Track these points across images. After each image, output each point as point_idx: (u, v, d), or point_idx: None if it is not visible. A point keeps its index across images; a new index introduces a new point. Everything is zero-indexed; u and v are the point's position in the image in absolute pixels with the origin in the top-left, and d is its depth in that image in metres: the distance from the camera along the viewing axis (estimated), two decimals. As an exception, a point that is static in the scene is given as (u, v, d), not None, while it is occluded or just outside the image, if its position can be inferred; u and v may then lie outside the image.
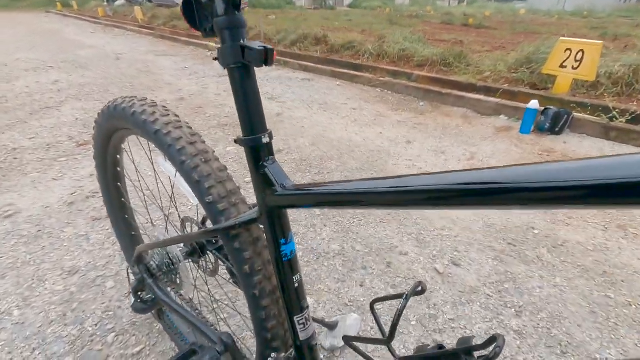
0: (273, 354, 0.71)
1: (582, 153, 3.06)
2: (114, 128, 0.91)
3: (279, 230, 0.62)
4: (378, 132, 3.52)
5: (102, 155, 1.05)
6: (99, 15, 14.87)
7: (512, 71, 4.86)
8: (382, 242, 1.94)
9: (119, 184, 1.13)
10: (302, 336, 0.68)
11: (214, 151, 0.76)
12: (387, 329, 0.52)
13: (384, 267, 1.75)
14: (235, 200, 0.70)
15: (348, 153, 3.02)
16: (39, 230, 1.98)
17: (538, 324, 1.45)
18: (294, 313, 0.67)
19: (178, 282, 0.99)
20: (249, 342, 1.35)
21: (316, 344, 0.70)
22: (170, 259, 0.98)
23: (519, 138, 3.35)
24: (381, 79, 5.10)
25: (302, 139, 3.30)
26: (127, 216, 1.24)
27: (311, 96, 4.67)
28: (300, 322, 0.67)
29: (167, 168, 0.86)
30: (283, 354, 0.72)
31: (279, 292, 0.68)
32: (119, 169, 1.10)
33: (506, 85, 4.53)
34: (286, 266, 0.63)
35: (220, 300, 1.51)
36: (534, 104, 3.33)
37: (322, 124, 3.68)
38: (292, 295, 0.66)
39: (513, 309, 1.52)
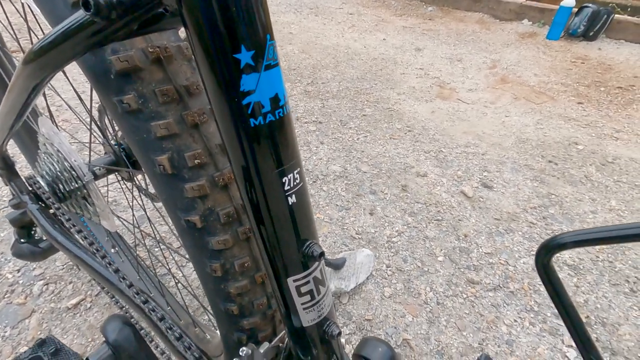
0: (243, 349, 0.33)
1: (620, 60, 2.59)
2: None
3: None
4: (381, 38, 2.94)
5: None
6: None
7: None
8: (394, 161, 1.55)
9: None
10: (308, 317, 0.30)
11: None
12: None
13: (398, 192, 1.39)
14: None
15: (346, 61, 2.50)
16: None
17: (597, 257, 1.15)
18: (287, 269, 0.28)
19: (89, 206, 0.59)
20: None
21: (338, 333, 0.32)
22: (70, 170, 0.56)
23: (547, 44, 2.83)
24: (382, -21, 4.29)
25: (291, 45, 2.71)
26: None
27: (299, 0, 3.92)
28: (302, 288, 0.28)
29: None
30: (265, 346, 0.35)
31: (248, 209, 0.28)
32: None
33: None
34: (256, 143, 0.22)
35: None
36: (569, 1, 2.75)
37: (314, 30, 3.06)
38: (280, 224, 0.26)
39: (564, 239, 1.21)
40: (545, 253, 0.24)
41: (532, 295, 1.03)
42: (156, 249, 1.12)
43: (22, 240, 0.60)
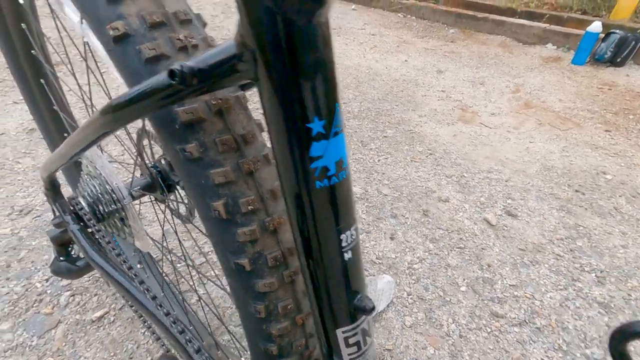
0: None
1: (650, 88, 2.53)
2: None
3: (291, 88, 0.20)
4: (402, 60, 2.97)
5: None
6: None
7: (559, -5, 4.10)
8: (415, 185, 1.54)
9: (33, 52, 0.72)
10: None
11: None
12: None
13: (419, 216, 1.38)
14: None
15: (367, 82, 2.52)
16: (-11, 161, 1.59)
17: (629, 295, 1.10)
18: (336, 321, 0.28)
19: (126, 230, 0.61)
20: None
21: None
22: (109, 192, 0.59)
23: (572, 69, 2.80)
24: (404, 1, 4.36)
25: (313, 65, 2.77)
26: (55, 107, 0.83)
27: (322, 20, 4.01)
28: (350, 339, 0.29)
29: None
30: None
31: (302, 263, 0.29)
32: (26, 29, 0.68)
33: (551, 12, 3.83)
34: (319, 204, 0.23)
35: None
36: (596, 26, 2.73)
37: (336, 50, 3.10)
38: (334, 279, 0.27)
39: (593, 274, 1.16)
40: (620, 340, 0.24)
41: (560, 333, 0.99)
42: (180, 264, 1.14)
43: (61, 258, 0.63)
